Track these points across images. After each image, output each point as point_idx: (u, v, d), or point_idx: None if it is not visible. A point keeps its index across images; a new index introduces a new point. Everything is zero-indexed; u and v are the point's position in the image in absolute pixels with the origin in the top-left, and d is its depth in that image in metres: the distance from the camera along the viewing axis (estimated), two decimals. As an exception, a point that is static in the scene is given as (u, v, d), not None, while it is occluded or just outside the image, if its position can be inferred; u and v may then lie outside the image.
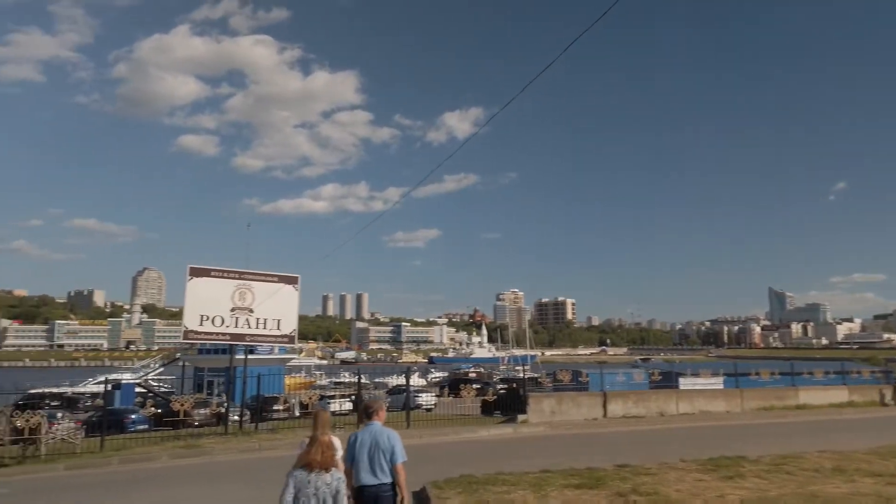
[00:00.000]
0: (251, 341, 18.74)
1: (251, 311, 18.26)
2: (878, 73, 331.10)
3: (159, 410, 23.47)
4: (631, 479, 10.40)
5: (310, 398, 24.77)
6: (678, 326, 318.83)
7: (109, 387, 35.81)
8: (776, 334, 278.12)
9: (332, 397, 31.06)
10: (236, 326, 18.01)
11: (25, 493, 11.71)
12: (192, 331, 17.65)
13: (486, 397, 22.70)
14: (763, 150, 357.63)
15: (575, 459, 12.63)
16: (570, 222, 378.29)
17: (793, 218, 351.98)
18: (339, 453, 6.08)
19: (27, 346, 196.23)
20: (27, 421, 15.20)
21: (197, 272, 17.76)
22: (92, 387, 40.83)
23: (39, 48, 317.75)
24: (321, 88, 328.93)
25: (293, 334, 19.28)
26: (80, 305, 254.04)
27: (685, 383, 24.99)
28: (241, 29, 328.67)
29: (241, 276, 18.36)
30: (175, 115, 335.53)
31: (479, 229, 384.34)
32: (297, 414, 25.51)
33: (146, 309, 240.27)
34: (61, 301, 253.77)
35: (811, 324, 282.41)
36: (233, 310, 18.02)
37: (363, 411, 6.39)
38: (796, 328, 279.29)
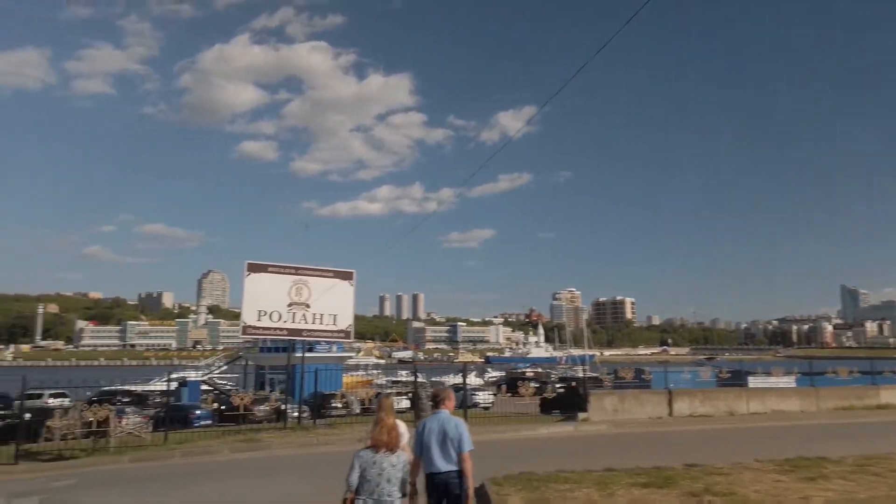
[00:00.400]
0: (308, 336, 18.85)
1: (308, 306, 18.37)
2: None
3: (222, 406, 23.98)
4: (702, 479, 9.78)
5: (367, 395, 24.82)
6: (743, 326, 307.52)
7: (176, 384, 37.09)
8: (849, 333, 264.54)
9: (390, 395, 30.83)
10: (293, 322, 18.14)
11: (90, 484, 11.99)
12: (250, 326, 17.88)
13: (545, 394, 22.10)
14: (832, 143, 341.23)
15: (640, 458, 12.04)
16: (627, 220, 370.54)
17: (865, 212, 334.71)
18: (406, 437, 6.20)
19: (102, 345, 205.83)
20: (95, 414, 15.65)
21: (254, 268, 17.98)
22: (161, 384, 42.27)
23: (109, 62, 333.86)
24: (376, 91, 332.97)
25: (349, 329, 19.30)
26: (150, 307, 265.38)
27: (755, 382, 23.78)
28: (298, 36, 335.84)
29: (297, 271, 18.50)
30: (236, 122, 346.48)
31: (534, 228, 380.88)
32: (357, 411, 25.61)
33: (211, 310, 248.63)
34: (133, 303, 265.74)
35: (887, 322, 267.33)
36: (290, 305, 18.16)
37: (431, 399, 6.40)
38: (871, 327, 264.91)
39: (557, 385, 28.03)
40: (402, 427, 6.18)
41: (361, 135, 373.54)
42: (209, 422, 22.94)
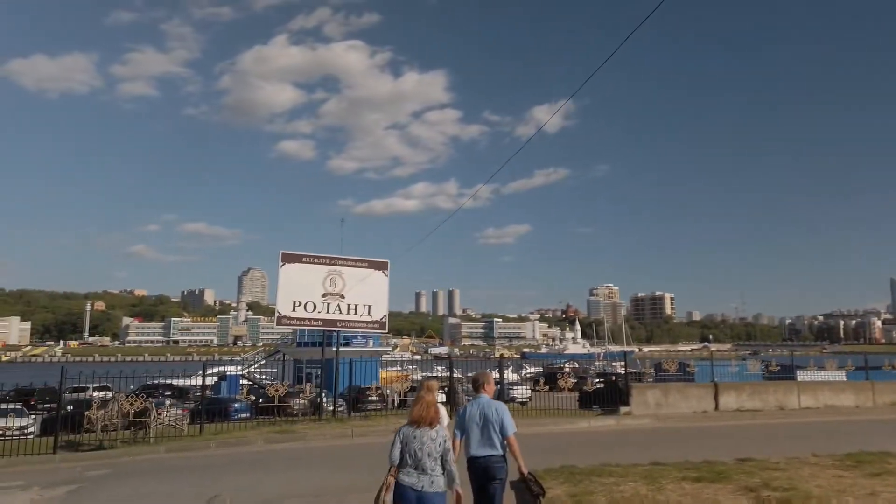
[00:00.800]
0: (342, 327, 18.63)
1: (342, 296, 18.15)
2: None
3: (259, 399, 24.07)
4: (757, 474, 9.16)
5: (402, 389, 24.58)
6: (788, 321, 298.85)
7: (216, 378, 37.50)
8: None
9: (435, 377, 30.77)
10: (328, 312, 17.95)
11: (125, 474, 11.95)
12: (285, 316, 17.76)
13: (585, 387, 21.43)
14: (883, 130, 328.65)
15: (687, 452, 11.44)
16: (666, 214, 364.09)
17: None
18: (445, 421, 6.17)
19: (146, 341, 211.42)
20: (131, 405, 15.70)
21: (289, 258, 17.83)
22: (203, 379, 42.81)
23: (153, 65, 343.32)
24: (411, 89, 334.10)
25: (384, 320, 19.02)
26: (192, 304, 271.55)
27: (804, 375, 22.77)
28: (335, 35, 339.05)
29: (331, 261, 18.30)
30: (275, 121, 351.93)
31: (571, 224, 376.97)
32: (396, 403, 25.42)
33: (251, 306, 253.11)
34: (176, 300, 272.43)
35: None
36: (324, 295, 17.96)
37: (471, 383, 6.38)
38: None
39: (596, 381, 27.35)
40: (443, 410, 6.10)
41: (397, 132, 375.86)
42: (247, 414, 23.07)
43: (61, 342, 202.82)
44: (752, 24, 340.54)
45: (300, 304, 17.74)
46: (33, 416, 21.53)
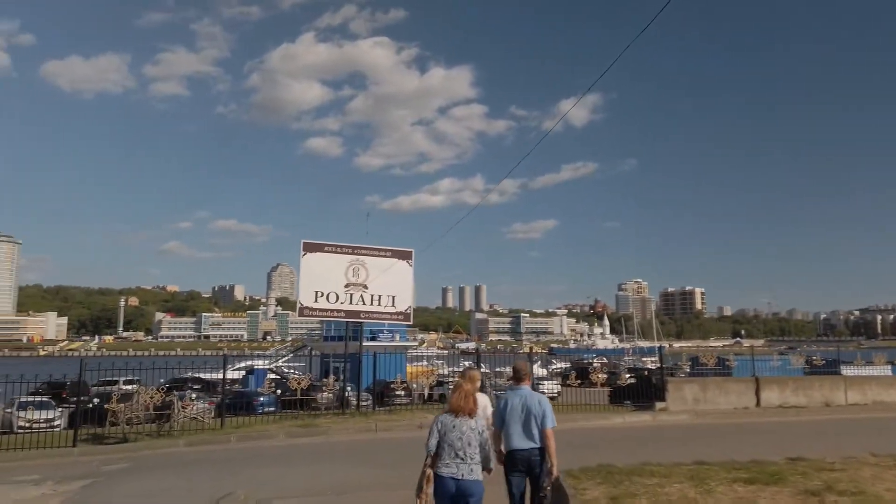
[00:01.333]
0: (366, 318, 18.10)
1: (365, 287, 17.60)
2: None
3: (285, 393, 23.80)
4: (815, 476, 8.34)
5: (428, 383, 24.08)
6: (822, 316, 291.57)
7: (244, 372, 37.46)
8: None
9: (475, 367, 30.30)
10: (351, 303, 17.43)
11: (143, 468, 11.60)
12: (306, 307, 17.28)
13: (619, 382, 20.55)
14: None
15: (731, 450, 10.65)
16: (696, 208, 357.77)
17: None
18: (489, 410, 6.21)
19: (178, 336, 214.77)
20: (151, 398, 15.38)
21: (310, 247, 17.34)
22: (231, 373, 42.98)
23: (184, 65, 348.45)
24: (437, 85, 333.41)
25: (408, 311, 18.43)
26: (223, 299, 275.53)
27: (848, 370, 21.60)
28: (361, 32, 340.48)
29: (354, 251, 17.76)
30: (302, 119, 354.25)
31: (599, 218, 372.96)
32: (425, 396, 24.93)
33: (280, 302, 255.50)
34: (207, 295, 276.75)
35: None
36: (347, 286, 17.43)
37: (512, 374, 6.24)
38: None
39: (627, 376, 26.46)
40: (484, 399, 6.00)
41: (423, 128, 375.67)
42: (273, 408, 22.78)
43: (96, 337, 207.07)
44: (795, 11, 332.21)
45: (322, 294, 17.24)
46: (60, 410, 21.48)
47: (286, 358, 51.39)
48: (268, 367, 41.23)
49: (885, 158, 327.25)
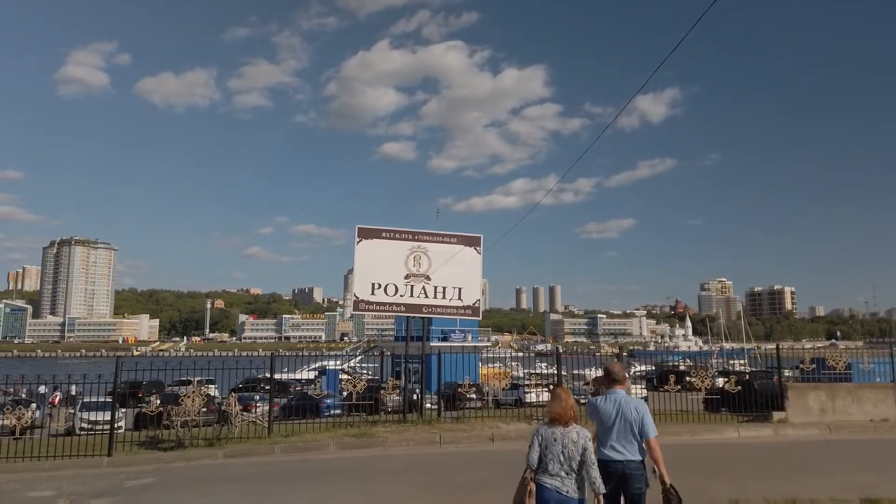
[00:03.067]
0: (428, 313, 16.06)
1: (428, 277, 15.56)
2: None
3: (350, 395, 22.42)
4: None
5: (501, 386, 21.90)
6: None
7: (316, 373, 36.54)
8: None
9: (528, 387, 28.20)
10: (412, 296, 15.42)
11: (169, 484, 10.00)
12: (362, 301, 15.41)
13: (726, 387, 17.42)
14: None
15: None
16: (783, 204, 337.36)
17: None
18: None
19: (260, 337, 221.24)
20: (192, 401, 13.90)
21: (366, 233, 15.45)
22: (305, 373, 42.48)
23: (266, 77, 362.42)
24: (510, 86, 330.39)
25: (476, 305, 16.23)
26: (302, 301, 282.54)
27: None
28: (434, 37, 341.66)
29: (415, 237, 15.75)
30: (378, 125, 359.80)
31: (678, 216, 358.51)
32: (499, 402, 22.84)
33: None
34: (287, 298, 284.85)
35: None
36: (407, 276, 15.44)
37: (605, 376, 5.65)
38: None
39: (719, 379, 23.23)
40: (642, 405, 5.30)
41: (496, 130, 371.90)
42: (339, 411, 21.37)
43: (185, 338, 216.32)
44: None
45: (379, 286, 15.32)
46: (124, 411, 20.70)
47: (360, 358, 50.50)
48: (340, 367, 40.25)
49: None
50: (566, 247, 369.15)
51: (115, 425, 20.29)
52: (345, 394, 22.79)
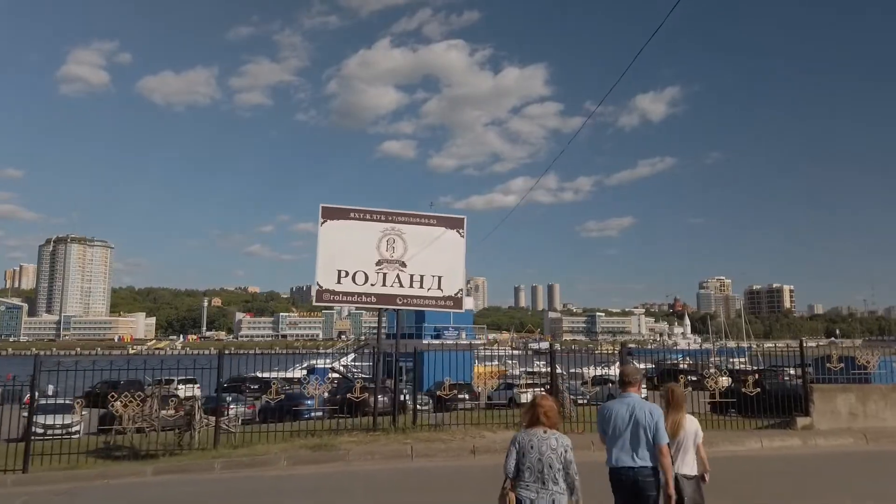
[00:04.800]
0: (403, 304, 14.08)
1: (403, 264, 13.57)
2: None
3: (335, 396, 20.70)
4: None
5: (491, 386, 20.13)
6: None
7: (304, 371, 34.78)
8: None
9: (523, 386, 26.72)
10: (384, 285, 13.43)
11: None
12: (326, 290, 13.38)
13: (744, 389, 15.42)
14: None
15: None
16: (783, 203, 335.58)
17: None
18: (700, 435, 5.59)
19: (257, 335, 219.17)
20: (142, 405, 12.00)
21: (331, 213, 13.41)
22: (296, 372, 40.82)
23: (267, 76, 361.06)
24: (511, 84, 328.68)
25: (459, 296, 14.22)
26: (300, 299, 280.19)
27: None
28: (435, 35, 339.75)
29: (388, 217, 13.71)
30: (378, 123, 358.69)
31: (678, 215, 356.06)
32: (489, 401, 21.12)
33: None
34: (285, 296, 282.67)
35: None
36: (379, 263, 13.45)
37: (619, 379, 5.51)
38: None
39: (721, 380, 21.31)
40: (695, 424, 5.55)
41: (496, 128, 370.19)
42: (320, 414, 19.69)
43: (181, 336, 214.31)
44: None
45: (347, 274, 13.32)
46: (84, 413, 18.74)
47: (352, 357, 48.80)
48: (329, 366, 38.37)
49: None
50: (566, 245, 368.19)
51: (73, 430, 18.60)
52: (325, 395, 20.93)
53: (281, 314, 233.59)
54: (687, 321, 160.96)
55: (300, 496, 8.80)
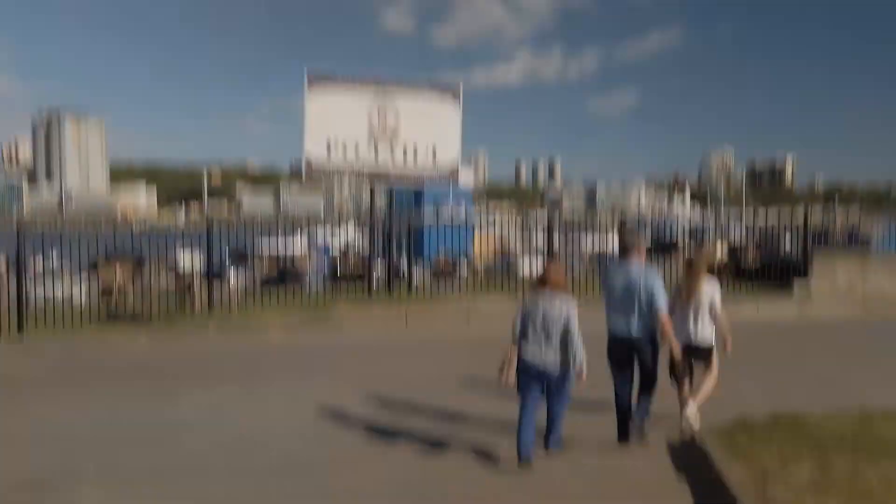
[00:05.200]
0: (396, 178, 13.65)
1: (395, 135, 13.00)
2: None
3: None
4: None
5: (490, 255, 20.25)
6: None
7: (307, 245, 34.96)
8: None
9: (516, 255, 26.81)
10: (375, 158, 12.93)
11: (49, 382, 8.15)
12: (316, 163, 12.91)
13: (748, 263, 15.37)
14: None
15: None
16: (790, 72, 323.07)
17: None
18: (718, 298, 5.44)
19: (260, 205, 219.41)
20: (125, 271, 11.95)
21: (317, 80, 12.53)
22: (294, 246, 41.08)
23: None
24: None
25: (454, 168, 13.78)
26: (300, 173, 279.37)
27: None
28: None
29: (379, 85, 12.92)
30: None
31: (686, 86, 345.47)
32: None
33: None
34: (286, 171, 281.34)
35: None
36: (370, 135, 12.84)
37: (619, 245, 5.61)
38: None
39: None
40: (713, 286, 5.41)
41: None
42: (322, 284, 20.06)
43: (183, 208, 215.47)
44: None
45: (336, 147, 12.73)
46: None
47: (351, 231, 48.89)
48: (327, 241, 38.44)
49: None
50: (570, 120, 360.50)
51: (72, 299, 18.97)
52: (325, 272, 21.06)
53: (282, 182, 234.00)
54: (688, 193, 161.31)
55: (292, 360, 8.92)
